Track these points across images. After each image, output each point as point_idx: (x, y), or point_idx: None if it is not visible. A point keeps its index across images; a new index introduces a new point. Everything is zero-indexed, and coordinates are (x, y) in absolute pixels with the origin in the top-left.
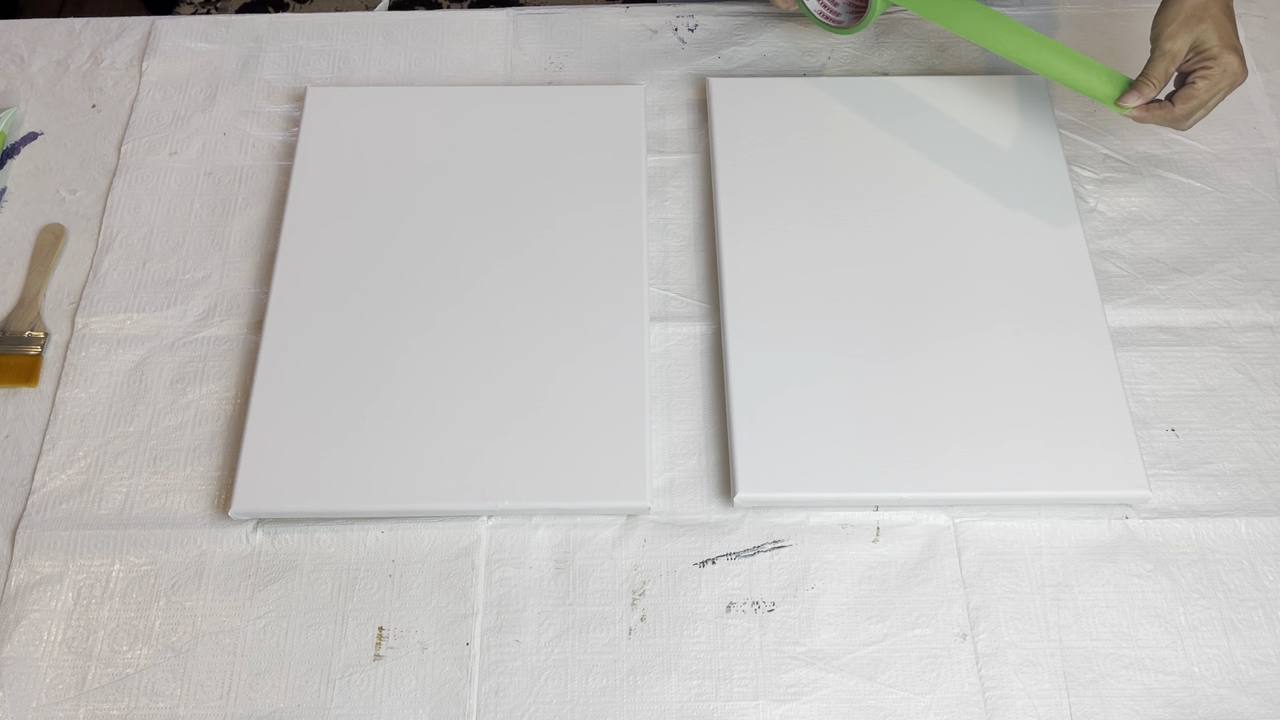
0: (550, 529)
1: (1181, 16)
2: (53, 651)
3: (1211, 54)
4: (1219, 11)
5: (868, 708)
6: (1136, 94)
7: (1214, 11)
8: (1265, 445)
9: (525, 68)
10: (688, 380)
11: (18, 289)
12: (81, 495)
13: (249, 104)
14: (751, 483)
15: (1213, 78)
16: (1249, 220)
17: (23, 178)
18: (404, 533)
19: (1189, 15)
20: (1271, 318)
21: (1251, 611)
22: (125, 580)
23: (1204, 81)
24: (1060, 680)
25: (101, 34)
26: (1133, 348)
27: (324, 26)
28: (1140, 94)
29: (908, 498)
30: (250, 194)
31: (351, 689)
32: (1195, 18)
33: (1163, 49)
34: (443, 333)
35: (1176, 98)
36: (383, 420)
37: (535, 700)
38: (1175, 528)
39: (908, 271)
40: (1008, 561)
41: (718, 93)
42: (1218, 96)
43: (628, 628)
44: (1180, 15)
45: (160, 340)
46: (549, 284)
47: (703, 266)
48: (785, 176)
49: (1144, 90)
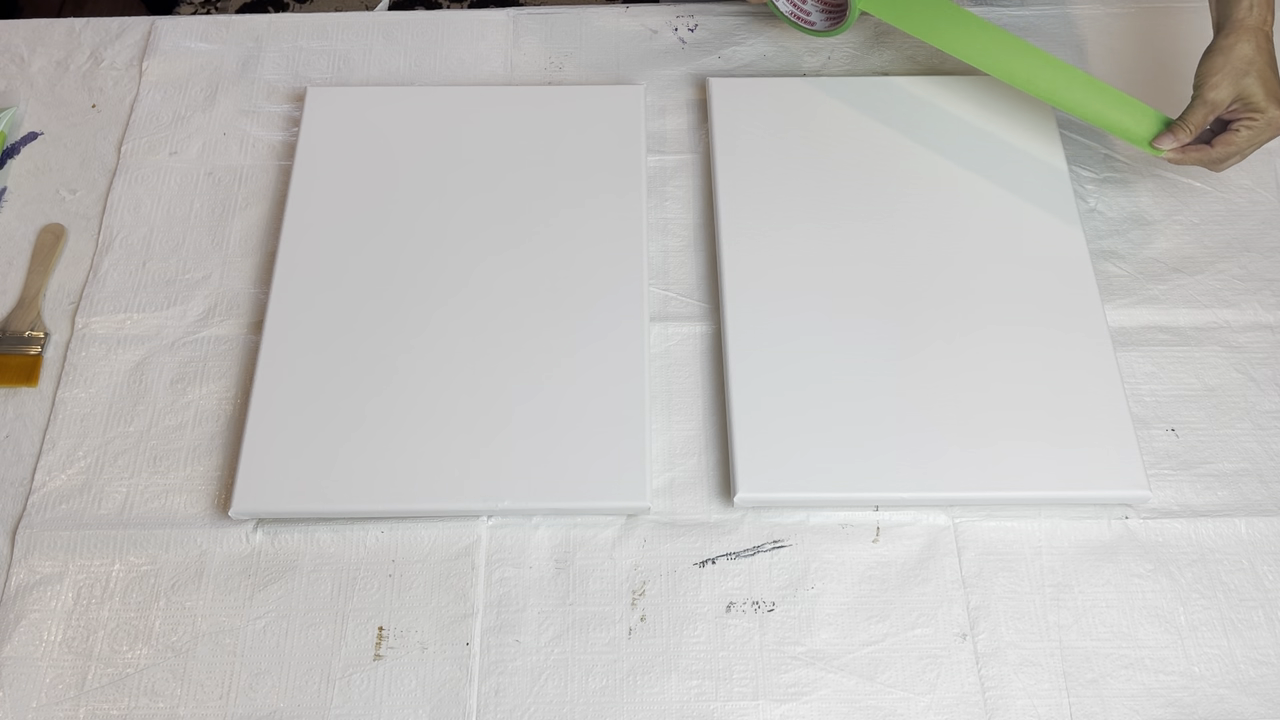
0: (550, 529)
1: (1227, 68)
2: (53, 651)
3: (1258, 107)
4: (1265, 64)
5: (868, 708)
6: (1172, 138)
7: (1260, 64)
8: (1265, 445)
9: (525, 68)
10: (688, 380)
11: (18, 289)
12: (81, 495)
13: (249, 104)
14: (751, 483)
15: (1256, 129)
16: (1249, 220)
17: (23, 178)
18: (404, 533)
19: (1235, 68)
20: (1271, 318)
21: (1251, 611)
22: (125, 580)
23: (1247, 131)
24: (1060, 680)
25: (101, 34)
26: (1133, 348)
27: (324, 26)
28: (1176, 138)
29: (908, 498)
30: (250, 194)
31: (351, 689)
32: (1241, 70)
33: (1205, 97)
34: (442, 332)
35: (1216, 141)
36: (383, 420)
37: (535, 700)
38: (1175, 528)
39: (907, 271)
40: (1008, 561)
41: (718, 93)
42: (1255, 146)
43: (628, 628)
44: (1226, 66)
45: (160, 340)
46: (549, 284)
47: (703, 266)
48: (785, 176)
49: (1180, 135)
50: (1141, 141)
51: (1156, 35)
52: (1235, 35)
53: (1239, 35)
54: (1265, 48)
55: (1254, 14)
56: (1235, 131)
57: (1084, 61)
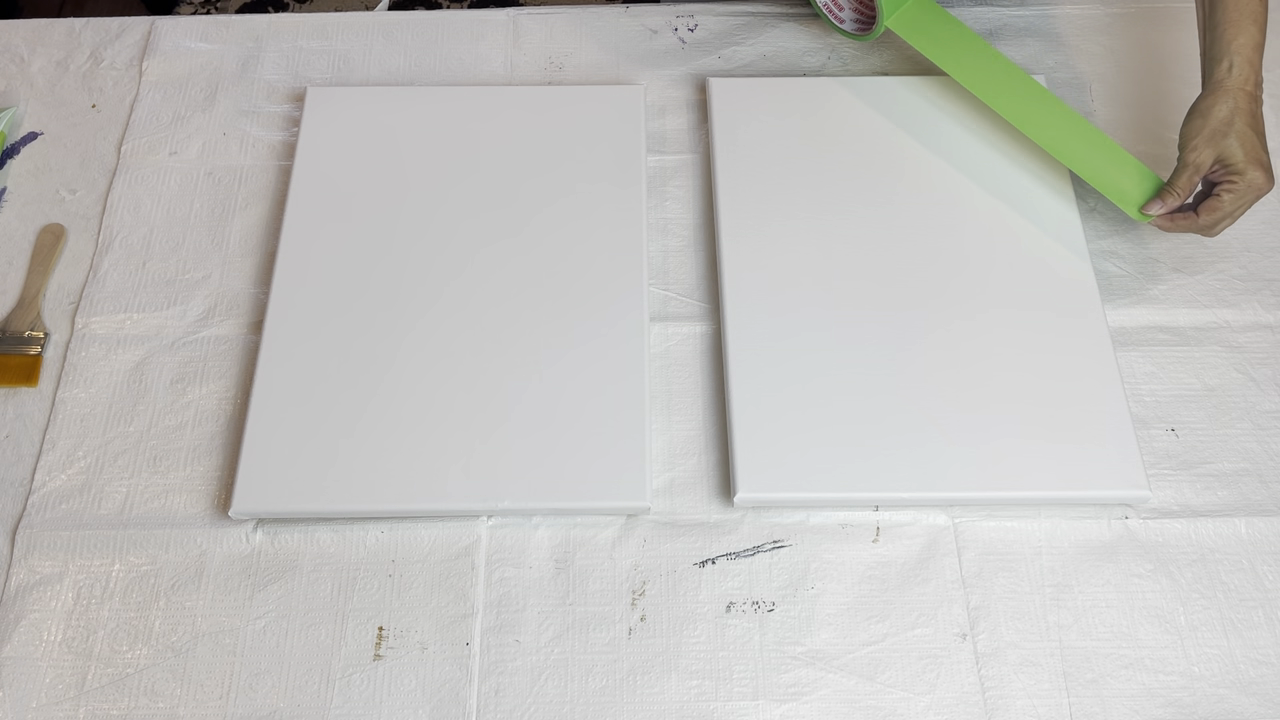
0: (550, 529)
1: (1207, 131)
2: (53, 651)
3: (1237, 169)
4: (1244, 125)
5: (868, 708)
6: (1160, 203)
7: (1239, 126)
8: (1265, 445)
9: (525, 68)
10: (688, 380)
11: (18, 289)
12: (81, 495)
13: (249, 104)
14: (751, 483)
15: (1238, 191)
16: (1249, 220)
17: (23, 178)
18: (404, 533)
19: (1214, 130)
20: (1271, 318)
21: (1251, 611)
22: (125, 580)
23: (1229, 195)
24: (1060, 680)
25: (101, 34)
26: (1133, 348)
27: (324, 26)
28: (1164, 203)
29: (908, 498)
30: (250, 194)
31: (351, 689)
32: (1220, 132)
33: (1187, 160)
34: (442, 333)
35: (1202, 209)
36: (383, 420)
37: (535, 700)
38: (1175, 528)
39: (908, 271)
40: (1008, 561)
41: (718, 93)
42: (1242, 208)
43: (628, 628)
44: (1205, 129)
45: (160, 340)
46: (549, 283)
47: (703, 266)
48: (785, 176)
49: (1168, 200)
50: (1131, 208)
51: (1156, 35)
52: (1214, 97)
53: (1217, 96)
54: (1246, 108)
55: (1233, 75)
56: (1218, 196)
57: (1084, 61)
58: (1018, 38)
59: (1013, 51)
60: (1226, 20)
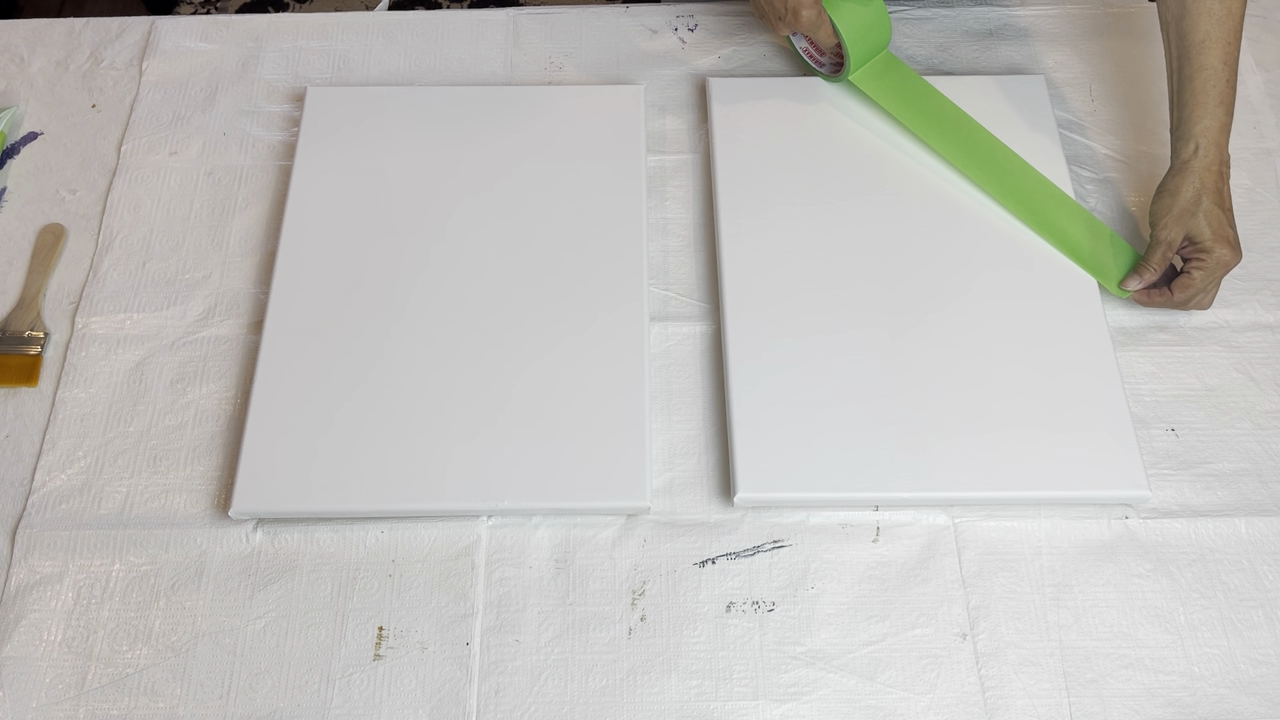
0: (550, 529)
1: (1176, 210)
2: (53, 651)
3: (1205, 247)
4: (1211, 204)
5: (868, 708)
6: (1137, 278)
7: (1206, 205)
8: (1265, 445)
9: (525, 68)
10: (688, 380)
11: (18, 289)
12: (81, 495)
13: (249, 104)
14: (751, 482)
15: (1207, 268)
16: (1249, 220)
17: (23, 178)
18: (404, 533)
19: (1183, 209)
20: (1271, 318)
21: (1251, 611)
22: (125, 580)
23: (1199, 271)
24: (1060, 680)
25: (101, 34)
26: (1133, 348)
27: (324, 26)
28: (1140, 279)
29: (908, 498)
30: (250, 194)
31: (351, 689)
32: (1189, 211)
33: (1159, 238)
34: (442, 332)
35: (1175, 286)
36: (383, 420)
37: (535, 700)
38: (1175, 528)
39: (907, 271)
40: (1007, 561)
41: (718, 93)
42: (1213, 284)
43: (628, 627)
44: (1175, 209)
45: (160, 340)
46: (549, 283)
47: (703, 266)
48: (785, 176)
49: (1145, 275)
50: (1111, 283)
51: (1156, 35)
52: (1181, 177)
53: (1184, 177)
54: (1213, 186)
55: (1199, 157)
56: (1189, 274)
57: (1084, 61)
58: (1018, 38)
59: (1013, 51)
60: (1195, 102)
